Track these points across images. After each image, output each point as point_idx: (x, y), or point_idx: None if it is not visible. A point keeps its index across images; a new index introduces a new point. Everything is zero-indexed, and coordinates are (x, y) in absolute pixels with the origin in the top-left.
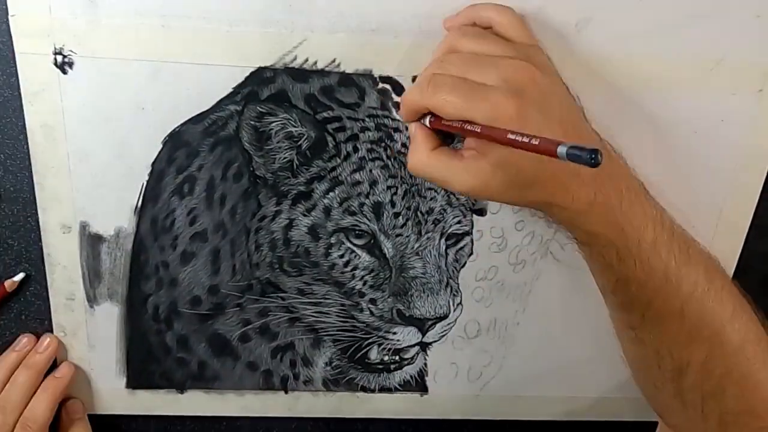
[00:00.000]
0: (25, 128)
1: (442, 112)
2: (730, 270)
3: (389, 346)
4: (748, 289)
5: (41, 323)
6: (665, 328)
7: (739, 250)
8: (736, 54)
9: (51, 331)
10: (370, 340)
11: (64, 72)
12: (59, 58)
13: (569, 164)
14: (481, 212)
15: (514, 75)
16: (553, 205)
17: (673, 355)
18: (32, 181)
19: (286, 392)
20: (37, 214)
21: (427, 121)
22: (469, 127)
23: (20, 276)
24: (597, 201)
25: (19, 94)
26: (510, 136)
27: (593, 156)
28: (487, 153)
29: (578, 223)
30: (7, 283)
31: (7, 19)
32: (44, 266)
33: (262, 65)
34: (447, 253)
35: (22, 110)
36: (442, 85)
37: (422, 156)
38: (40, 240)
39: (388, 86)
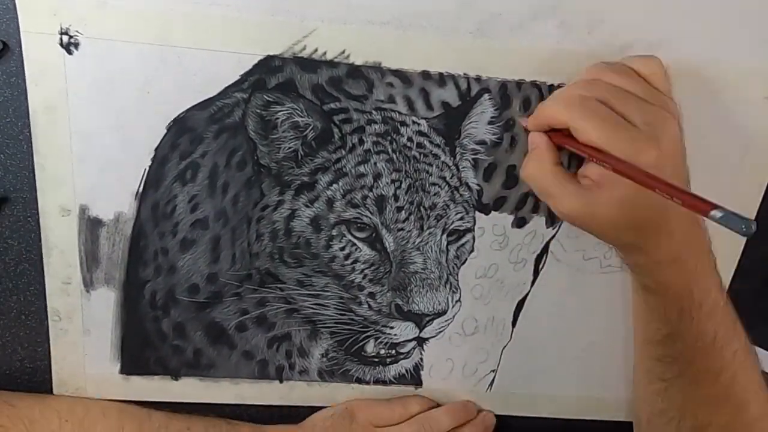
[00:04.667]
0: (27, 110)
1: (583, 136)
2: (730, 272)
3: (386, 340)
4: (748, 291)
5: (36, 307)
6: (698, 387)
7: (740, 253)
8: (743, 62)
9: (45, 315)
10: (367, 334)
11: (70, 53)
12: (65, 39)
13: (671, 219)
14: (485, 210)
15: (655, 121)
16: (640, 250)
17: (696, 415)
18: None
19: (281, 382)
20: (35, 196)
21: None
22: (601, 157)
23: None
24: (680, 258)
25: (23, 75)
26: (666, 190)
27: (746, 226)
28: (607, 187)
29: (655, 272)
30: None
31: None
32: (41, 249)
33: (271, 54)
34: (448, 250)
35: (26, 92)
36: (594, 111)
37: (542, 168)
38: (37, 222)
39: (396, 80)
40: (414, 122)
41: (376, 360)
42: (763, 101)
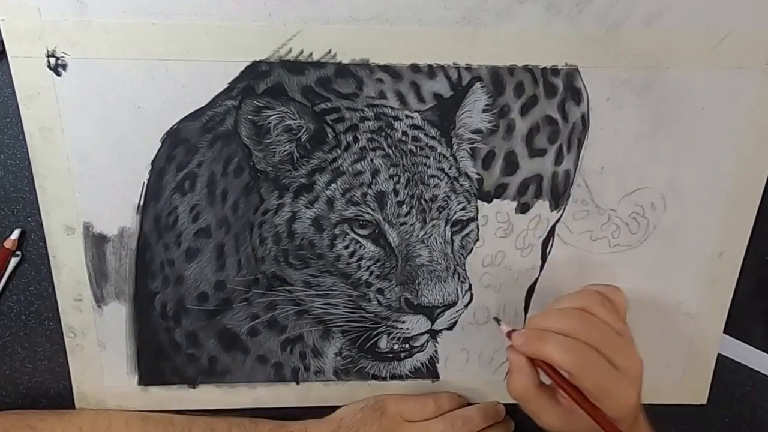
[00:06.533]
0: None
1: (581, 383)
2: (735, 274)
3: (399, 335)
4: (746, 292)
5: (50, 324)
6: None
7: (743, 255)
8: (743, 27)
9: (61, 332)
10: (379, 330)
11: (58, 74)
12: (52, 61)
13: (631, 399)
14: (487, 198)
15: (632, 363)
16: None
17: None
18: (33, 182)
19: (298, 383)
20: (38, 215)
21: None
22: (580, 401)
23: (16, 233)
24: (638, 414)
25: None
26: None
27: None
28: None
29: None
30: (7, 242)
31: None
32: (50, 268)
33: (257, 59)
34: (453, 240)
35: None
36: (593, 363)
37: (528, 388)
38: (44, 242)
39: (386, 75)
40: (407, 116)
41: (391, 355)
42: (765, 68)
